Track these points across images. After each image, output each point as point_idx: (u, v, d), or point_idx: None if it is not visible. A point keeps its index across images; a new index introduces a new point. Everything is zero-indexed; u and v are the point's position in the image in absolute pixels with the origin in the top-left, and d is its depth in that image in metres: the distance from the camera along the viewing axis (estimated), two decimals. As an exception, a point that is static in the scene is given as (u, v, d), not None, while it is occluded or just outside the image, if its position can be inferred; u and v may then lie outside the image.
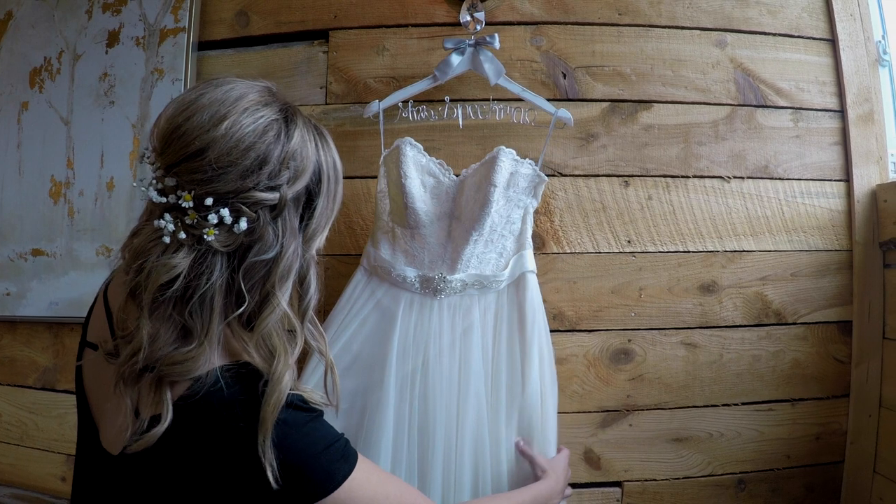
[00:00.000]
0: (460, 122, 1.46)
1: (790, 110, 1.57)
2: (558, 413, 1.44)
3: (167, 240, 0.72)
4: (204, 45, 1.65)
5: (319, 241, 0.83)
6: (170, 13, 1.63)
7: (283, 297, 0.75)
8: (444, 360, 1.32)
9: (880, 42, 1.61)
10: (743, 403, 1.53)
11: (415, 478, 1.27)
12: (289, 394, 0.74)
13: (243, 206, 0.73)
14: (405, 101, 1.47)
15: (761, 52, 1.57)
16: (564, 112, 1.41)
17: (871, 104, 1.56)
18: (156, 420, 0.72)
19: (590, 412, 1.52)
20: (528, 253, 1.38)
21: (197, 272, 0.72)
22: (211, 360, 0.74)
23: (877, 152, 1.56)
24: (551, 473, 1.21)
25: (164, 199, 0.73)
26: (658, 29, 1.56)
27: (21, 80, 1.71)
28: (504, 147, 1.33)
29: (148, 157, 0.78)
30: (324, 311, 1.50)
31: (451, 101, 1.47)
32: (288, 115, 0.79)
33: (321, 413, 0.80)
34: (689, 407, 1.53)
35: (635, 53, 1.55)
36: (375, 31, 1.58)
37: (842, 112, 1.58)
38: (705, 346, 1.53)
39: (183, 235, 0.72)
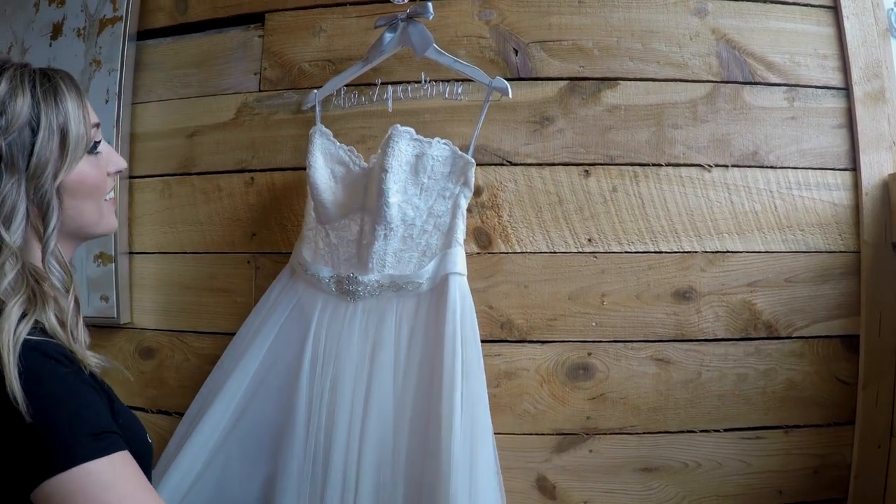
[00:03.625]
0: (389, 105, 1.23)
1: (784, 87, 1.26)
2: (506, 434, 1.20)
3: None
4: (145, 35, 1.47)
5: (57, 174, 0.76)
6: (109, 2, 1.45)
7: (12, 235, 0.71)
8: (348, 384, 1.08)
9: (892, 10, 1.29)
10: (726, 430, 1.23)
11: None
12: (51, 344, 0.70)
13: None
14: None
15: (749, 21, 1.27)
16: (500, 81, 1.16)
17: (881, 80, 1.24)
18: None
19: (543, 434, 1.24)
20: (456, 252, 1.13)
21: None
22: None
23: (889, 136, 1.23)
24: None
25: None
26: (625, -3, 1.28)
27: (-28, 75, 1.58)
28: (399, 125, 1.09)
29: None
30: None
31: (381, 83, 1.24)
32: (1, 69, 0.75)
33: (87, 381, 0.71)
34: (660, 432, 1.23)
35: (599, 25, 1.27)
36: (312, 11, 1.35)
37: (847, 89, 1.25)
38: (680, 363, 1.23)
39: None
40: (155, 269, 1.42)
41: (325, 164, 1.17)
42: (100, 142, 0.84)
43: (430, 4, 1.17)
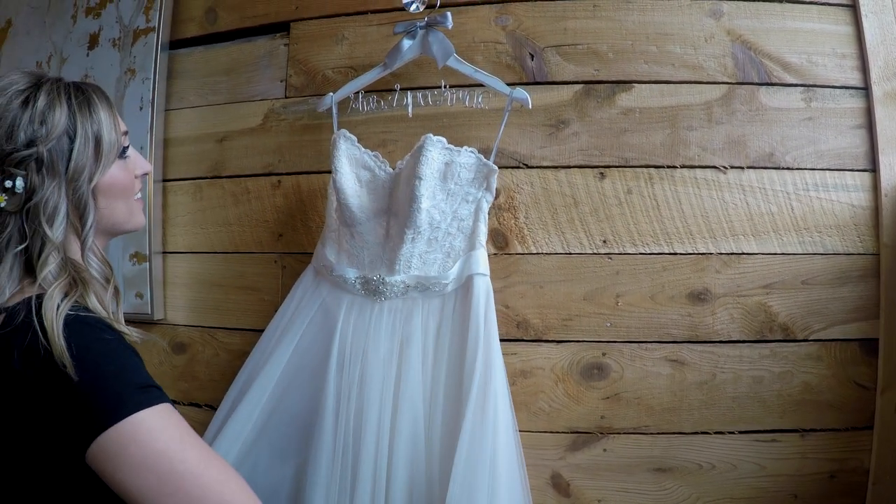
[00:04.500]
0: (409, 111, 1.25)
1: (801, 88, 1.25)
2: (521, 432, 1.21)
3: None
4: (176, 44, 1.53)
5: (92, 177, 0.83)
6: (142, 14, 1.52)
7: (55, 231, 0.78)
8: (377, 379, 1.11)
9: (916, 7, 1.27)
10: (740, 432, 1.22)
11: None
12: (93, 317, 0.76)
13: (13, 168, 0.77)
14: (356, 92, 1.29)
15: (765, 21, 1.26)
16: (520, 92, 1.18)
17: (903, 79, 1.22)
18: None
19: (557, 433, 1.25)
20: (479, 253, 1.16)
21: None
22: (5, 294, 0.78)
23: (910, 136, 1.21)
24: None
25: None
26: (641, 0, 1.29)
27: (17, 85, 1.66)
28: (431, 134, 1.12)
29: None
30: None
31: (401, 88, 1.27)
32: (39, 83, 0.81)
33: (129, 346, 0.77)
34: (674, 433, 1.23)
35: (614, 29, 1.28)
36: (335, 19, 1.39)
37: (866, 89, 1.23)
38: (695, 364, 1.23)
39: None
40: (187, 268, 1.48)
41: (351, 169, 1.20)
42: (128, 147, 0.90)
43: (449, 14, 1.19)
